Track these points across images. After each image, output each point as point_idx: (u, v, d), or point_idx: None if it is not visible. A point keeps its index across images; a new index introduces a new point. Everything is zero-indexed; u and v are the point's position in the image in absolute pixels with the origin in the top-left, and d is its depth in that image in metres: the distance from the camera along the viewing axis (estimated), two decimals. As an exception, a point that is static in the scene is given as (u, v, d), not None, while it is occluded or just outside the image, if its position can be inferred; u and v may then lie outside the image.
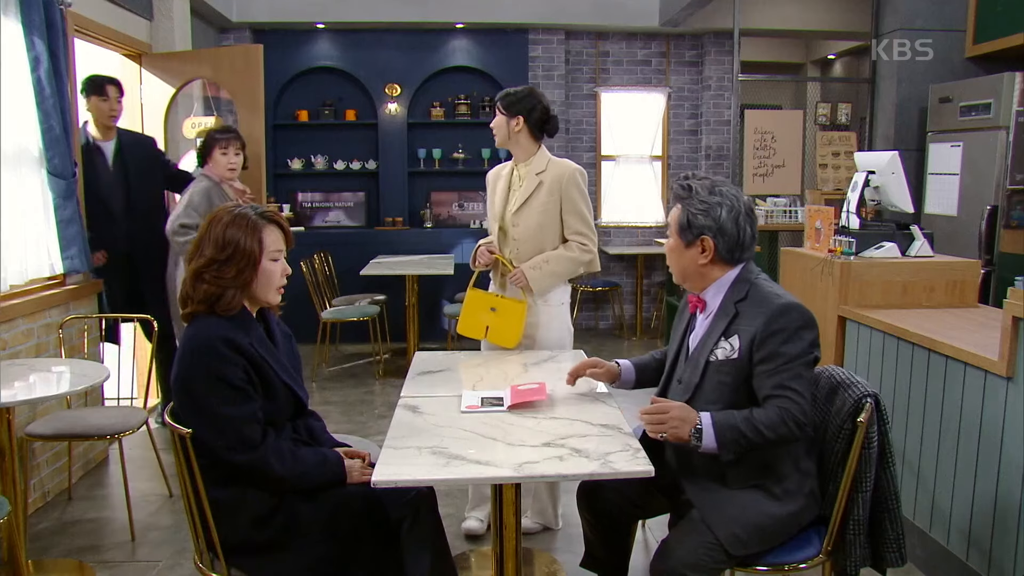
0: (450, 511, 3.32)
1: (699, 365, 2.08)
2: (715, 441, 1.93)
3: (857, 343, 3.24)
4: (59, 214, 3.59)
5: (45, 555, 3.03)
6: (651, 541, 3.08)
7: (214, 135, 4.04)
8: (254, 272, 2.05)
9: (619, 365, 2.41)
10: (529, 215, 3.04)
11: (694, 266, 2.09)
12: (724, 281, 2.10)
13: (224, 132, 4.06)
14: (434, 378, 2.61)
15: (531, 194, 3.04)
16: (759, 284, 2.06)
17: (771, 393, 1.95)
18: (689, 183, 2.08)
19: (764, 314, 1.98)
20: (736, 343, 2.01)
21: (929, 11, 4.85)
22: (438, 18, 6.68)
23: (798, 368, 1.95)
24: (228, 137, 4.03)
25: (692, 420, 1.94)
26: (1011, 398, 2.39)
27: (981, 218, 4.25)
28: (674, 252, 2.13)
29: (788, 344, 1.95)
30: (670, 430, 1.94)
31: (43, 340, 3.53)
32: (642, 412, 2.00)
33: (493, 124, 3.10)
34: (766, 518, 1.99)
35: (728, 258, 2.07)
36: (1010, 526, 2.39)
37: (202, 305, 2.02)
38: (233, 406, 1.97)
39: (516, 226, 3.07)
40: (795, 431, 1.93)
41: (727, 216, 2.03)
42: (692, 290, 2.17)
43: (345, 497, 2.06)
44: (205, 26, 6.35)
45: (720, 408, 2.01)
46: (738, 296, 2.06)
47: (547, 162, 3.06)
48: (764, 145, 6.15)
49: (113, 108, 4.15)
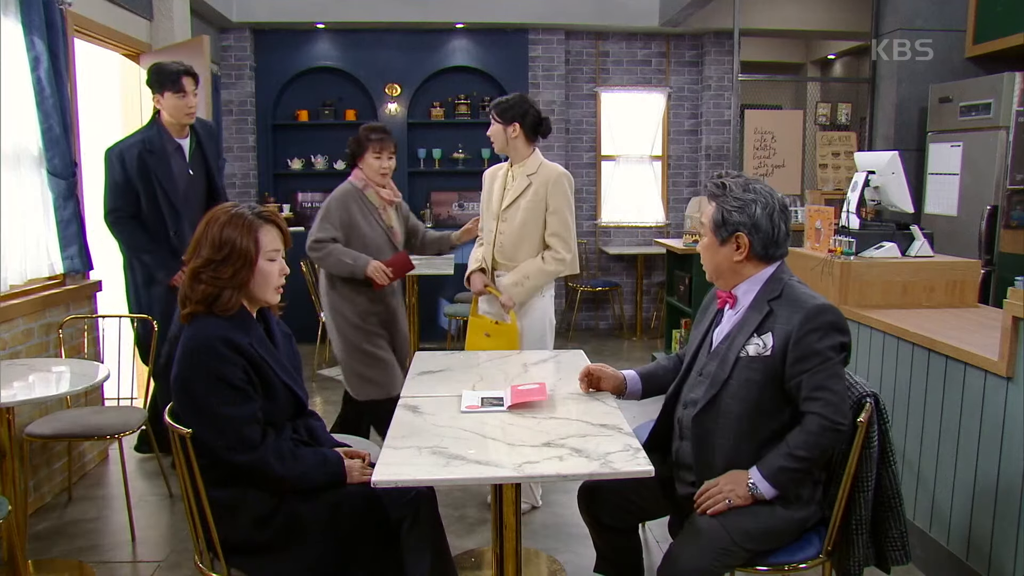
0: (450, 511, 3.33)
1: (728, 360, 2.07)
2: (773, 488, 1.98)
3: (857, 343, 3.24)
4: (59, 214, 3.59)
5: (45, 555, 3.03)
6: (651, 542, 3.08)
7: (368, 136, 3.51)
8: (250, 272, 2.05)
9: (625, 377, 2.39)
10: (515, 213, 3.27)
11: (728, 263, 2.10)
12: (758, 278, 2.10)
13: (378, 132, 3.52)
14: (434, 378, 2.61)
15: (520, 193, 3.26)
16: (793, 285, 2.07)
17: (809, 395, 1.96)
18: (723, 180, 2.09)
19: (800, 313, 1.99)
20: (769, 340, 2.01)
21: (929, 11, 4.85)
22: (438, 18, 6.68)
23: (834, 367, 1.97)
24: (382, 138, 3.51)
25: (743, 480, 1.99)
26: (1011, 398, 2.39)
27: (981, 218, 4.25)
28: (708, 250, 2.13)
29: (823, 342, 1.96)
30: (729, 496, 1.99)
31: (43, 340, 3.53)
32: (697, 501, 2.04)
33: (490, 133, 3.30)
34: (778, 520, 2.01)
35: (763, 255, 2.08)
36: (1010, 526, 2.39)
37: (200, 305, 2.02)
38: (233, 406, 1.96)
39: (504, 221, 3.30)
40: (832, 439, 1.95)
41: (761, 213, 2.05)
42: (724, 287, 2.16)
43: (345, 497, 2.06)
44: (205, 26, 6.34)
45: (744, 406, 2.03)
46: (772, 294, 2.06)
47: (539, 165, 3.28)
48: (764, 145, 6.15)
49: (191, 104, 3.69)
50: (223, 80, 6.77)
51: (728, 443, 2.05)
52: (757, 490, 1.98)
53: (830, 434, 1.94)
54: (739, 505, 1.98)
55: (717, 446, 2.07)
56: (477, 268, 3.37)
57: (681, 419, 2.18)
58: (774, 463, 1.97)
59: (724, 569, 1.98)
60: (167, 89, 3.61)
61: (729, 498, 1.99)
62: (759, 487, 1.98)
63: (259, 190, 7.04)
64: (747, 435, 2.03)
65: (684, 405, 2.19)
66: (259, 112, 6.97)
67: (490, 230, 3.37)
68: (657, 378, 2.39)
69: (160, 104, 3.65)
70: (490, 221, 3.37)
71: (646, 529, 3.11)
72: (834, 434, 1.95)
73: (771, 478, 1.97)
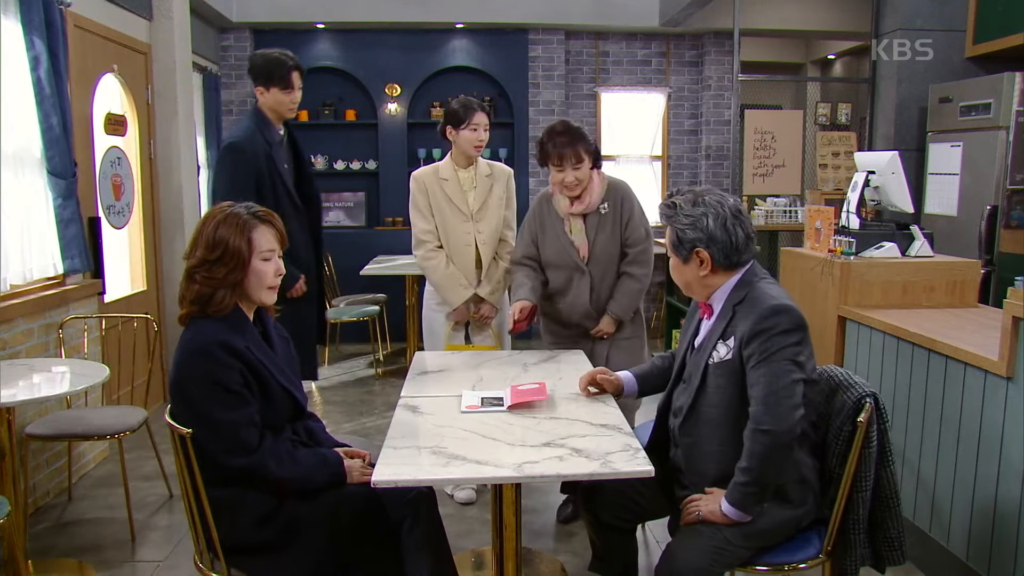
0: (450, 511, 3.33)
1: (699, 367, 2.10)
2: (733, 508, 1.96)
3: (857, 343, 3.24)
4: (59, 214, 3.60)
5: (45, 555, 3.03)
6: (651, 542, 3.08)
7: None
8: (244, 272, 2.04)
9: (621, 379, 2.42)
10: (486, 213, 3.35)
11: (696, 279, 2.11)
12: (728, 286, 2.10)
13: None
14: (434, 378, 2.61)
15: (488, 193, 3.36)
16: (759, 287, 2.06)
17: (750, 394, 1.97)
18: (673, 200, 2.11)
19: (754, 314, 1.99)
20: (732, 344, 2.03)
21: (929, 11, 4.85)
22: (438, 18, 6.68)
23: (774, 367, 1.93)
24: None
25: (719, 497, 2.00)
26: (1011, 398, 2.39)
27: (981, 218, 4.25)
28: (676, 270, 2.15)
29: (769, 343, 1.95)
30: (701, 509, 2.01)
31: (43, 340, 3.53)
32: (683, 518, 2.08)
33: (485, 135, 3.31)
34: (770, 519, 2.01)
35: (726, 264, 2.07)
36: (1010, 526, 2.39)
37: (195, 306, 2.02)
38: (230, 410, 1.96)
39: (479, 221, 3.35)
40: (763, 443, 1.91)
41: (714, 224, 2.04)
42: (699, 299, 2.18)
43: (345, 497, 2.06)
44: (205, 26, 6.35)
45: (721, 412, 2.04)
46: (738, 299, 2.07)
47: (487, 164, 3.42)
48: (764, 145, 6.15)
49: (295, 99, 3.45)
50: (223, 80, 6.77)
51: (715, 449, 2.06)
52: (722, 509, 1.98)
53: (759, 437, 1.91)
54: (708, 519, 1.99)
55: (705, 453, 2.08)
56: (471, 295, 3.34)
57: (672, 427, 2.21)
58: (732, 480, 1.97)
59: (722, 568, 1.98)
60: (274, 84, 3.36)
61: (700, 510, 2.01)
62: (723, 506, 1.98)
63: (259, 190, 7.03)
64: (731, 441, 2.02)
65: (674, 413, 2.21)
66: (259, 112, 6.96)
67: (464, 239, 3.33)
68: (652, 377, 2.43)
69: (263, 96, 3.40)
70: (457, 228, 3.32)
71: (646, 529, 3.11)
72: (763, 437, 1.90)
73: (729, 496, 1.97)
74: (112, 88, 4.53)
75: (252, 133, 3.36)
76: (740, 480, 1.95)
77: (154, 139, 4.90)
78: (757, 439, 1.92)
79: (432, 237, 3.33)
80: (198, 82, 6.05)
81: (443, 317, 3.40)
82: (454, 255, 3.33)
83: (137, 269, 4.78)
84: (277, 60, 3.37)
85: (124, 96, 4.63)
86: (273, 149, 3.38)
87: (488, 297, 3.36)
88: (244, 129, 3.38)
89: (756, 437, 1.92)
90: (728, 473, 2.01)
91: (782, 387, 1.92)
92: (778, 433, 1.90)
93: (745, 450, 1.95)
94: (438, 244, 3.34)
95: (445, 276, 3.31)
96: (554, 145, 2.92)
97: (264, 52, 3.43)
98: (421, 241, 3.35)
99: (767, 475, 1.94)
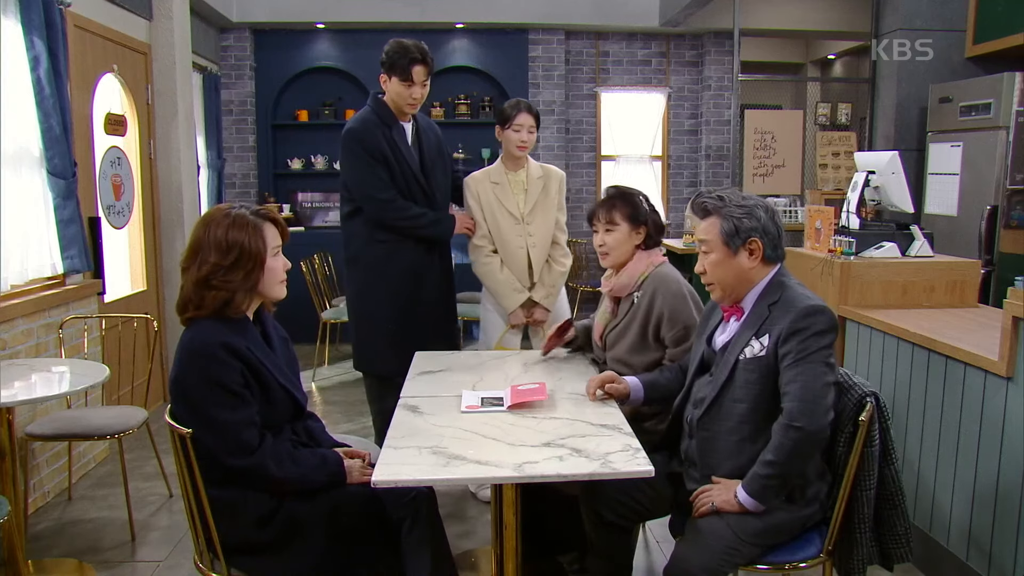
0: (450, 511, 3.32)
1: (728, 363, 2.10)
2: (751, 498, 1.97)
3: (857, 343, 3.24)
4: (59, 214, 3.60)
5: (45, 555, 3.03)
6: (651, 542, 3.08)
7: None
8: (261, 272, 2.05)
9: (629, 384, 2.40)
10: (537, 217, 3.35)
11: (743, 272, 2.10)
12: (759, 287, 2.12)
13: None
14: (434, 378, 2.61)
15: (539, 196, 3.36)
16: (792, 287, 2.09)
17: (783, 393, 1.98)
18: (719, 194, 2.12)
19: (792, 313, 2.00)
20: (766, 341, 2.03)
21: (929, 11, 4.86)
22: (438, 18, 6.68)
23: (808, 367, 1.96)
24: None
25: (733, 487, 2.01)
26: (1011, 398, 2.39)
27: (981, 218, 4.25)
28: (720, 265, 2.11)
29: (807, 342, 1.97)
30: (715, 499, 2.01)
31: (43, 340, 3.53)
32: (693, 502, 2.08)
33: (530, 137, 3.29)
34: (781, 517, 2.01)
35: (773, 256, 2.10)
36: (1010, 526, 2.39)
37: (207, 312, 2.01)
38: (230, 411, 1.96)
39: (530, 224, 3.35)
40: (794, 439, 1.92)
41: (766, 216, 2.08)
42: (733, 301, 2.15)
43: (345, 497, 2.06)
44: (205, 26, 6.35)
45: (746, 408, 2.05)
46: (772, 299, 2.08)
47: (538, 164, 3.43)
48: (764, 145, 6.15)
49: (415, 95, 3.26)
50: (223, 80, 6.77)
51: (731, 444, 2.07)
52: (738, 498, 1.99)
53: (791, 433, 1.92)
54: (723, 509, 2.00)
55: (721, 447, 2.09)
56: (526, 299, 3.32)
57: (690, 418, 2.20)
58: (753, 470, 1.99)
59: (731, 568, 1.99)
60: (395, 74, 3.21)
61: (713, 501, 2.01)
62: (739, 495, 1.99)
63: (259, 190, 7.04)
64: (750, 437, 2.04)
65: (694, 404, 2.21)
66: (259, 112, 6.97)
67: (516, 242, 3.32)
68: (660, 387, 2.41)
69: (385, 85, 3.28)
70: (509, 232, 3.31)
71: (646, 529, 3.11)
72: (795, 433, 1.92)
73: (747, 486, 1.98)
74: (112, 88, 4.53)
75: (365, 118, 3.27)
76: (763, 472, 1.96)
77: (154, 139, 4.90)
78: (788, 434, 1.93)
79: (486, 242, 3.35)
80: (198, 82, 6.05)
81: (498, 318, 3.41)
82: (507, 258, 3.34)
83: (137, 269, 4.78)
84: (402, 50, 3.22)
85: (124, 96, 4.64)
86: (394, 132, 3.25)
87: (542, 301, 3.34)
88: (358, 116, 3.31)
89: (788, 432, 1.93)
90: (740, 469, 2.02)
91: (819, 388, 1.95)
92: (810, 432, 1.93)
93: (773, 444, 1.95)
94: (492, 248, 3.35)
95: (498, 282, 3.32)
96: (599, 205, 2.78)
97: (398, 40, 3.29)
98: (476, 247, 3.37)
99: (791, 470, 1.97)
